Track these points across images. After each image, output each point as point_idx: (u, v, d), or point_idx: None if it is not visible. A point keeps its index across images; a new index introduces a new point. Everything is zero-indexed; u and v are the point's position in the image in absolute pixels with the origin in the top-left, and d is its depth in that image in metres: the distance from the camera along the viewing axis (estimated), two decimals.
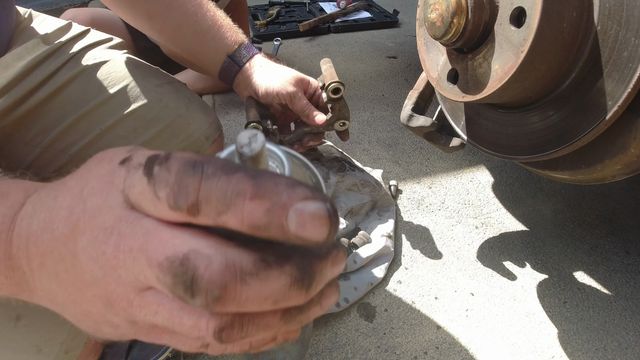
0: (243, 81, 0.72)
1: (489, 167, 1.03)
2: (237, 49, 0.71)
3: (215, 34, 0.70)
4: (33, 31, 0.68)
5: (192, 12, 0.69)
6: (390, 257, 0.76)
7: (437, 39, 0.52)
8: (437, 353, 0.64)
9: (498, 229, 0.86)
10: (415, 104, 0.72)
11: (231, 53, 0.71)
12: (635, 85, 0.42)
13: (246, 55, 0.71)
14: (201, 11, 0.69)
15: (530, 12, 0.42)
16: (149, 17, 0.69)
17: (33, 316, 0.43)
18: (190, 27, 0.69)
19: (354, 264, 0.72)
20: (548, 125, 0.52)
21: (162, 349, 0.59)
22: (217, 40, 0.70)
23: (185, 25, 0.69)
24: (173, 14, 0.69)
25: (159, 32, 0.72)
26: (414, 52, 1.65)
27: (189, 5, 0.69)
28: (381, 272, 0.74)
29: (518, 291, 0.74)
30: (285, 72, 0.70)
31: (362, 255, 0.74)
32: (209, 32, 0.70)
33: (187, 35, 0.70)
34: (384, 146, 1.10)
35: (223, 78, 0.74)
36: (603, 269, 0.78)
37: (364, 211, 0.84)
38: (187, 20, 0.69)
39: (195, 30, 0.70)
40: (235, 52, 0.71)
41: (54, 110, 0.65)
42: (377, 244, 0.76)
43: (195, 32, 0.70)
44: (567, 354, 0.64)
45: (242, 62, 0.71)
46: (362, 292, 0.71)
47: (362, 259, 0.73)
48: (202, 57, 0.73)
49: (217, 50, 0.71)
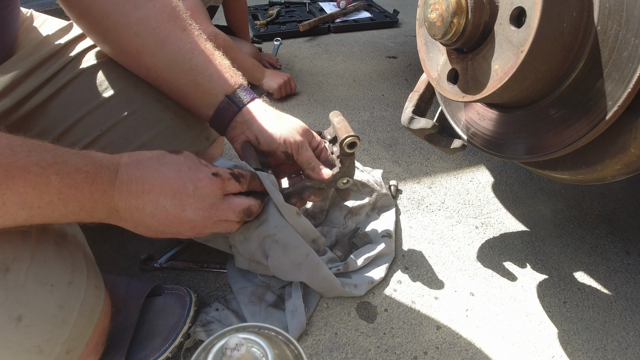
0: (242, 124, 0.65)
1: (489, 167, 1.03)
2: (237, 90, 0.66)
3: (213, 74, 0.64)
4: (36, 32, 0.68)
5: (189, 48, 0.63)
6: (391, 257, 0.76)
7: (437, 39, 0.52)
8: (437, 353, 0.64)
9: (498, 229, 0.86)
10: (415, 106, 0.72)
11: (230, 93, 0.65)
12: (635, 86, 0.42)
13: (247, 97, 0.66)
14: (198, 49, 0.64)
15: (530, 12, 0.42)
16: (138, 54, 0.63)
17: (34, 316, 0.43)
18: (184, 65, 0.64)
19: (355, 264, 0.72)
20: (548, 125, 0.52)
21: (162, 349, 0.59)
22: (214, 80, 0.65)
23: (179, 63, 0.63)
24: (166, 50, 0.63)
25: (148, 70, 0.66)
26: (414, 52, 1.65)
27: (186, 42, 0.63)
28: (382, 272, 0.74)
29: (518, 291, 0.74)
30: (292, 120, 0.66)
31: (363, 255, 0.74)
32: (206, 70, 0.64)
33: (180, 74, 0.64)
34: (384, 146, 1.10)
35: (217, 120, 0.67)
36: (603, 269, 0.78)
37: (364, 211, 0.84)
38: (182, 58, 0.63)
39: (191, 68, 0.64)
40: (235, 92, 0.65)
41: (54, 111, 0.65)
42: (378, 244, 0.76)
43: (191, 70, 0.64)
44: (567, 354, 0.64)
45: (243, 103, 0.65)
46: (362, 290, 0.71)
47: (363, 259, 0.73)
48: (195, 97, 0.67)
49: (213, 91, 0.65)
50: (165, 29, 0.62)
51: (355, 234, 0.79)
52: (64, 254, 0.48)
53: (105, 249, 0.80)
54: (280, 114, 0.67)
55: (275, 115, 0.66)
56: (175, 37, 0.63)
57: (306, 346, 0.64)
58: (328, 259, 0.71)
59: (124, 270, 0.76)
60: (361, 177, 0.86)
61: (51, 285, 0.45)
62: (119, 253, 0.79)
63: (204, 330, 0.63)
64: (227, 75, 0.66)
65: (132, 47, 0.63)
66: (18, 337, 0.42)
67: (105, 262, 0.76)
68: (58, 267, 0.46)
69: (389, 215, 0.85)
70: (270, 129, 0.64)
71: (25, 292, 0.43)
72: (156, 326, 0.61)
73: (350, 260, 0.72)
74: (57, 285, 0.45)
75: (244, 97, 0.66)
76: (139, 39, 0.62)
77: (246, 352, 0.29)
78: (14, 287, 0.42)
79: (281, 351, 0.33)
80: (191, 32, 0.64)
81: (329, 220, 0.82)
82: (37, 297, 0.43)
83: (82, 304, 0.47)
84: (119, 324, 0.58)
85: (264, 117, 0.65)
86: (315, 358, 0.63)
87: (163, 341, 0.59)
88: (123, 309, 0.60)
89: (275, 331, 0.36)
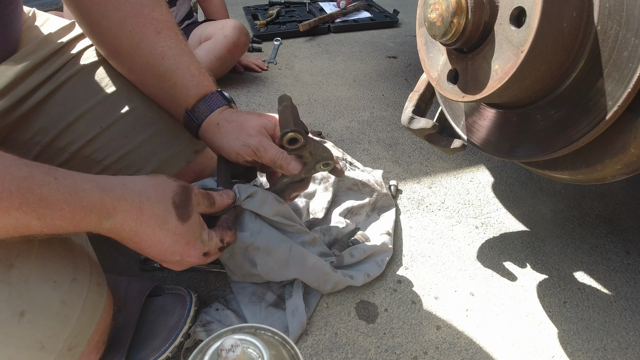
0: (206, 140, 0.65)
1: (489, 167, 1.03)
2: (196, 104, 0.63)
3: (177, 81, 0.62)
4: (37, 30, 0.68)
5: (159, 52, 0.61)
6: (389, 254, 0.76)
7: (437, 39, 0.52)
8: (437, 353, 0.64)
9: (498, 229, 0.86)
10: (415, 106, 0.72)
11: (190, 108, 0.64)
12: (635, 85, 0.42)
13: (205, 110, 0.63)
14: (169, 53, 0.62)
15: (530, 12, 0.42)
16: (117, 54, 0.64)
17: (37, 312, 0.43)
18: (154, 70, 0.62)
19: (351, 257, 0.72)
20: (548, 125, 0.52)
21: (162, 349, 0.59)
22: (177, 88, 0.63)
23: (151, 67, 0.62)
24: (140, 54, 0.62)
25: (128, 72, 0.66)
26: (414, 52, 1.65)
27: (157, 46, 0.61)
28: (379, 267, 0.73)
29: (518, 291, 0.74)
30: (246, 125, 0.61)
31: (359, 250, 0.73)
32: (172, 77, 0.62)
33: (152, 79, 0.64)
34: (384, 146, 1.10)
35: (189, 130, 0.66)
36: (603, 269, 0.78)
37: (364, 211, 0.84)
38: (152, 62, 0.62)
39: (160, 74, 0.62)
40: (194, 107, 0.63)
41: (54, 108, 0.65)
42: (375, 240, 0.76)
43: (160, 76, 0.63)
44: (567, 354, 0.64)
45: (201, 119, 0.63)
46: (359, 281, 0.70)
47: (360, 252, 0.72)
48: (166, 105, 0.67)
49: (178, 101, 0.64)
50: (140, 32, 0.61)
51: (355, 234, 0.79)
52: (67, 251, 0.48)
53: (106, 249, 0.80)
54: (237, 120, 0.62)
55: (229, 127, 0.61)
56: (149, 41, 0.61)
57: (306, 346, 0.64)
58: (319, 252, 0.70)
59: (124, 270, 0.76)
60: (361, 177, 0.86)
61: (54, 282, 0.45)
62: (119, 253, 0.79)
63: (204, 330, 0.63)
64: (191, 84, 0.63)
65: (112, 48, 0.63)
66: (20, 333, 0.42)
67: (105, 262, 0.76)
68: (61, 264, 0.46)
69: (388, 216, 0.84)
70: (225, 145, 0.61)
71: (29, 288, 0.43)
72: (156, 326, 0.61)
73: (344, 254, 0.72)
74: (60, 282, 0.45)
75: (202, 111, 0.63)
76: (117, 42, 0.62)
77: (242, 353, 0.29)
78: (17, 283, 0.42)
79: (278, 352, 0.33)
80: (165, 35, 0.62)
81: (329, 219, 0.82)
82: (40, 293, 0.43)
83: (85, 301, 0.47)
84: (119, 323, 0.58)
85: (218, 135, 0.62)
86: (315, 358, 0.63)
87: (163, 341, 0.59)
88: (123, 309, 0.60)
89: (272, 332, 0.36)
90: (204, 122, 0.63)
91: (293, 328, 0.63)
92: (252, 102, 1.31)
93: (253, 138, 0.60)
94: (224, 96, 0.65)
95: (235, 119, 0.62)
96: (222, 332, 0.34)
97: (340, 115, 1.24)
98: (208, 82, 0.65)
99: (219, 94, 0.65)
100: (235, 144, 0.60)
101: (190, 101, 0.63)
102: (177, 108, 0.65)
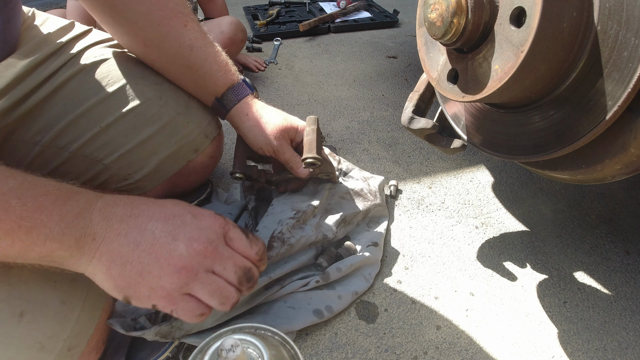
0: (232, 124, 0.72)
1: (489, 167, 1.03)
2: (225, 93, 0.69)
3: (207, 72, 0.68)
4: (37, 30, 0.68)
5: (188, 44, 0.65)
6: (376, 267, 0.75)
7: (437, 39, 0.52)
8: (437, 353, 0.64)
9: (498, 229, 0.86)
10: (415, 106, 0.71)
11: (219, 96, 0.70)
12: (635, 85, 0.42)
13: (234, 99, 0.69)
14: (197, 44, 0.66)
15: (530, 12, 0.42)
16: (144, 45, 0.66)
17: (37, 312, 0.43)
18: (183, 61, 0.67)
19: (338, 272, 0.70)
20: (548, 125, 0.52)
21: (162, 350, 0.59)
22: (207, 78, 0.68)
23: (179, 59, 0.66)
24: (168, 45, 0.65)
25: (153, 62, 0.69)
26: (414, 52, 1.65)
27: (185, 38, 0.65)
28: (367, 282, 0.72)
29: (518, 291, 0.74)
30: (271, 123, 0.68)
31: (346, 264, 0.71)
32: (201, 68, 0.67)
33: (180, 69, 0.68)
34: (384, 146, 1.10)
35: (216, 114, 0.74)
36: (603, 269, 0.78)
37: (356, 221, 0.82)
38: (181, 54, 0.66)
39: (189, 65, 0.67)
40: (223, 95, 0.69)
41: (54, 108, 0.65)
42: (362, 253, 0.75)
43: (189, 67, 0.67)
44: (567, 354, 0.64)
45: (229, 106, 0.69)
46: (347, 301, 0.69)
47: (347, 266, 0.71)
48: (195, 93, 0.72)
49: (207, 90, 0.70)
50: (167, 25, 0.64)
51: (342, 245, 0.77)
52: None
53: None
54: (263, 115, 0.69)
55: (256, 120, 0.68)
56: (177, 34, 0.65)
57: (306, 346, 0.64)
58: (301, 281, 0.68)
59: None
60: (354, 185, 0.84)
61: (54, 282, 0.45)
62: None
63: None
64: (219, 73, 0.68)
65: (139, 39, 0.66)
66: (20, 333, 0.42)
67: None
68: None
69: (379, 228, 0.82)
70: (250, 135, 0.69)
71: (28, 288, 0.43)
72: None
73: (330, 270, 0.70)
74: (60, 282, 0.45)
75: (231, 99, 0.69)
76: (144, 33, 0.65)
77: (242, 353, 0.29)
78: (17, 283, 0.42)
79: (278, 352, 0.33)
80: (191, 28, 0.66)
81: (320, 225, 0.81)
82: (39, 293, 0.43)
83: (85, 301, 0.47)
84: None
85: (245, 124, 0.69)
86: (315, 358, 0.63)
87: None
88: None
89: (272, 332, 0.36)
90: (232, 109, 0.69)
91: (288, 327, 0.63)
92: None
93: (276, 139, 0.67)
94: (249, 85, 0.71)
95: (264, 115, 0.69)
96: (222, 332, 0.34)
97: (340, 115, 1.24)
98: (235, 72, 0.70)
99: (244, 83, 0.70)
100: (260, 140, 0.68)
101: (220, 90, 0.69)
102: (206, 95, 0.71)
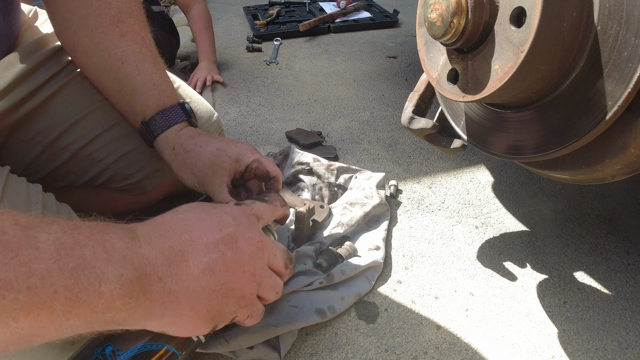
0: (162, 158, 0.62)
1: (489, 167, 1.03)
2: (153, 116, 0.60)
3: (136, 89, 0.59)
4: (37, 30, 0.68)
5: (120, 57, 0.59)
6: (379, 270, 0.75)
7: (437, 39, 0.52)
8: (437, 353, 0.64)
9: (498, 229, 0.86)
10: (415, 106, 0.71)
11: (147, 119, 0.60)
12: (635, 85, 0.42)
13: (162, 125, 0.59)
14: (130, 58, 0.59)
15: (530, 12, 0.42)
16: (74, 50, 0.62)
17: None
18: (112, 74, 0.60)
19: (342, 275, 0.70)
20: (548, 125, 0.52)
21: None
22: (135, 96, 0.60)
23: (107, 70, 0.60)
24: (98, 54, 0.60)
25: (83, 69, 0.64)
26: (414, 52, 1.65)
27: (119, 49, 0.59)
28: (369, 283, 0.72)
29: (518, 291, 0.74)
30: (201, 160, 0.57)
31: (350, 266, 0.72)
32: (130, 84, 0.59)
33: (107, 82, 0.61)
34: (384, 146, 1.10)
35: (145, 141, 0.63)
36: (603, 269, 0.78)
37: (355, 223, 0.81)
38: (111, 65, 0.59)
39: (117, 78, 0.60)
40: (152, 119, 0.60)
41: (56, 109, 0.65)
42: (366, 257, 0.75)
43: (117, 81, 0.60)
44: (567, 354, 0.64)
45: (157, 132, 0.60)
46: (349, 302, 0.69)
47: (351, 269, 0.71)
48: (123, 111, 0.64)
49: (135, 109, 0.61)
50: (101, 33, 0.59)
51: (342, 245, 0.77)
52: None
53: None
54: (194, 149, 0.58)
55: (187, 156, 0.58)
56: (109, 43, 0.59)
57: (306, 346, 0.64)
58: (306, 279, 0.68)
59: None
60: (348, 197, 0.85)
61: None
62: None
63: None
64: (150, 93, 0.60)
65: (69, 43, 0.61)
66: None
67: None
68: None
69: (379, 228, 0.82)
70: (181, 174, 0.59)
71: None
72: None
73: (334, 272, 0.70)
74: None
75: (159, 124, 0.60)
76: (76, 38, 0.60)
77: None
78: None
79: None
80: (130, 39, 0.60)
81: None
82: None
83: None
84: None
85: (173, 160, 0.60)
86: (315, 358, 0.63)
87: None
88: None
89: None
90: (159, 136, 0.60)
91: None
92: (252, 102, 1.31)
93: (206, 177, 0.57)
94: (185, 110, 0.62)
95: (192, 149, 0.58)
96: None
97: (340, 115, 1.24)
98: (170, 93, 0.61)
99: (180, 107, 0.61)
100: (190, 180, 0.59)
101: (149, 112, 0.60)
102: (134, 115, 0.62)
